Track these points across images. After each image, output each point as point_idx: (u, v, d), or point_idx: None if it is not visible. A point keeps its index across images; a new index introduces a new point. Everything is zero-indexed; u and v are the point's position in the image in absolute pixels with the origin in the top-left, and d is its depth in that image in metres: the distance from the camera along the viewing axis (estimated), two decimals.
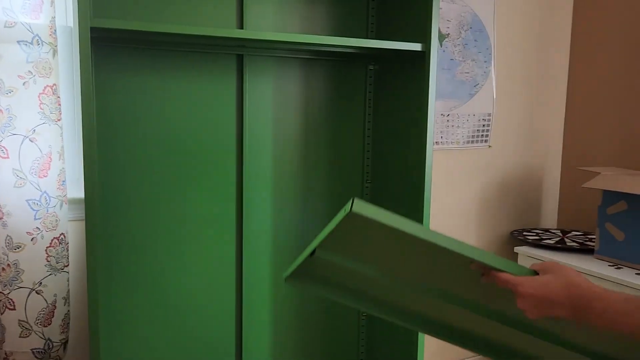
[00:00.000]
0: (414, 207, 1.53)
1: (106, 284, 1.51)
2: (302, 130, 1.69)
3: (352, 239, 0.79)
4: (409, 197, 1.58)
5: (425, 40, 1.45)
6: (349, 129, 1.75)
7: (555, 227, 2.37)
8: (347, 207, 0.72)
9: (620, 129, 2.14)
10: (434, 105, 1.45)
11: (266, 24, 1.60)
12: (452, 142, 2.07)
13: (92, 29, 1.17)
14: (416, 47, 1.45)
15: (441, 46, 1.99)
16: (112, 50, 1.43)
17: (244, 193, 1.61)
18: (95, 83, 1.43)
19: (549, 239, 2.08)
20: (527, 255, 1.97)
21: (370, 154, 1.77)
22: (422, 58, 1.48)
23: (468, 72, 2.07)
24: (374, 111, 1.76)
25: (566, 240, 2.07)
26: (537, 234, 2.15)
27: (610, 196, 1.88)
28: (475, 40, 2.07)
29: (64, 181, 1.48)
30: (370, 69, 1.75)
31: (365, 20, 1.72)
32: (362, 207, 0.73)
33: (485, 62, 2.10)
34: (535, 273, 0.78)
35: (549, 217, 2.37)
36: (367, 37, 1.72)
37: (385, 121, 1.71)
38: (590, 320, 0.71)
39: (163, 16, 1.48)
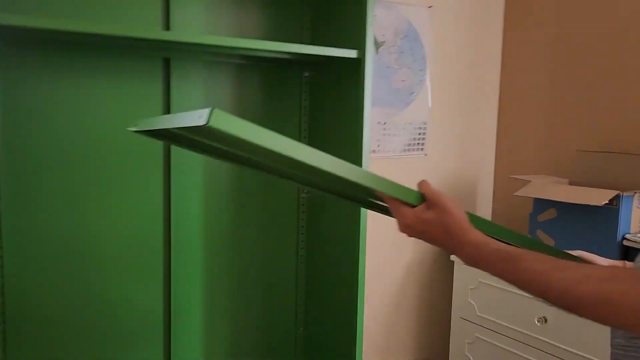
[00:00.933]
0: (351, 217, 1.49)
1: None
2: None
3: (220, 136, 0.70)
4: (346, 206, 1.54)
5: (360, 47, 1.41)
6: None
7: None
8: (204, 115, 0.64)
9: (549, 139, 2.20)
10: (370, 113, 1.41)
11: (194, 27, 1.52)
12: (389, 151, 2.06)
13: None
14: (351, 53, 1.41)
15: (377, 53, 1.97)
16: (20, 49, 1.29)
17: (171, 204, 1.52)
18: (1, 85, 1.29)
19: None
20: (463, 264, 1.98)
21: None
22: (358, 65, 1.44)
23: (404, 80, 2.07)
24: (310, 119, 1.71)
25: None
26: None
27: (541, 204, 1.92)
28: (410, 49, 2.06)
29: None
30: (306, 76, 1.70)
31: (299, 25, 1.67)
32: (221, 120, 0.65)
33: (420, 70, 2.10)
34: (423, 199, 0.82)
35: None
36: (301, 43, 1.67)
37: (321, 130, 1.66)
38: (460, 258, 0.82)
39: (81, 14, 1.36)
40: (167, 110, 1.51)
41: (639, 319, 0.62)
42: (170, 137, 0.98)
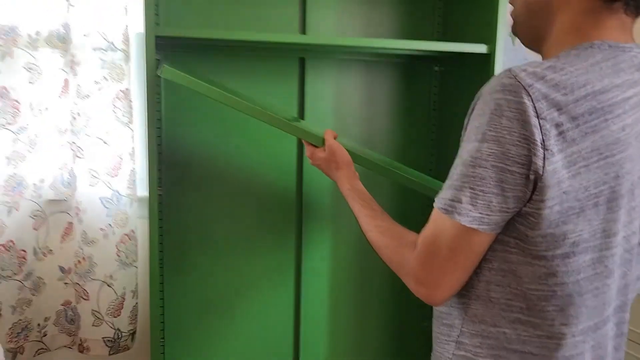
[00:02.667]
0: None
1: (171, 280, 1.57)
2: (365, 134, 1.68)
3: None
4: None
5: (490, 42, 1.39)
6: (412, 132, 1.71)
7: None
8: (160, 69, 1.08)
9: None
10: None
11: (329, 28, 1.60)
12: None
13: (158, 37, 1.22)
14: (481, 48, 1.39)
15: (514, 44, 1.90)
16: (178, 55, 1.48)
17: (303, 197, 1.62)
18: (164, 86, 1.49)
19: None
20: None
21: (435, 158, 1.73)
22: (487, 60, 1.42)
23: None
24: (439, 114, 1.71)
25: None
26: None
27: None
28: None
29: (134, 181, 1.57)
30: (435, 71, 1.70)
31: (430, 20, 1.67)
32: (169, 74, 1.12)
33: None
34: (323, 143, 1.17)
35: None
36: (432, 39, 1.68)
37: (451, 125, 1.66)
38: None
39: (228, 22, 1.51)
40: (302, 107, 1.61)
41: (392, 268, 0.84)
42: None
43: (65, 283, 1.59)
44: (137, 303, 1.62)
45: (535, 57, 0.84)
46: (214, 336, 1.62)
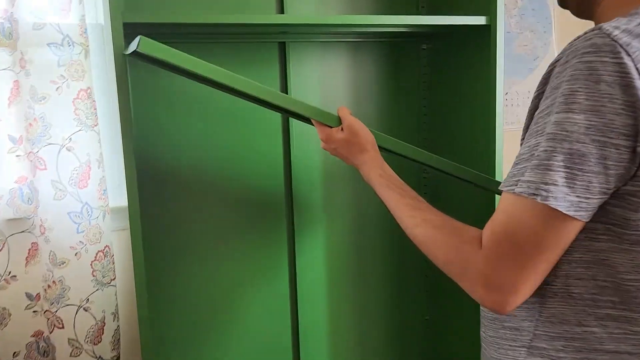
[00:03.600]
0: (483, 201, 1.39)
1: (156, 296, 1.42)
2: None
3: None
4: (475, 189, 1.43)
5: (490, 13, 1.29)
6: (402, 114, 1.61)
7: None
8: (136, 43, 0.87)
9: None
10: (502, 85, 1.29)
11: (307, 8, 1.47)
12: (512, 123, 1.91)
13: (126, 25, 1.06)
14: (480, 20, 1.29)
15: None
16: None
17: (293, 186, 1.50)
18: (131, 83, 1.32)
19: None
20: None
21: (426, 141, 1.63)
22: (485, 33, 1.32)
23: (527, 45, 1.90)
24: (429, 95, 1.61)
25: None
26: None
27: None
28: (533, 10, 1.89)
29: (104, 190, 1.40)
30: (424, 49, 1.60)
31: None
32: (147, 47, 0.88)
33: (544, 32, 1.92)
34: (340, 122, 0.99)
35: None
36: (417, 14, 1.57)
37: (442, 106, 1.56)
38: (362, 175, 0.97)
39: (198, 7, 1.36)
40: (286, 92, 1.48)
41: (449, 271, 0.72)
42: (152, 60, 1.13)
43: (35, 311, 1.40)
44: (118, 326, 1.46)
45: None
46: (209, 350, 1.49)
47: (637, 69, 0.59)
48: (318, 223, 1.55)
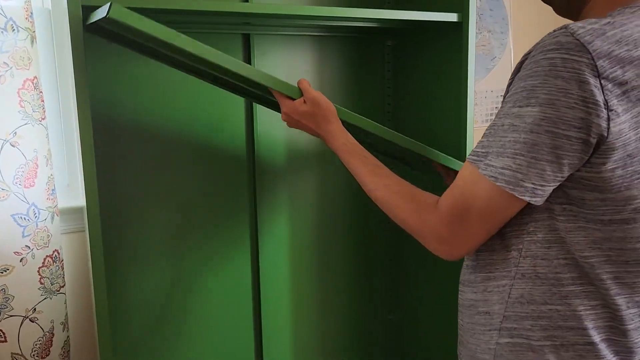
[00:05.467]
0: None
1: (109, 302, 1.32)
2: None
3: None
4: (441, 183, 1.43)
5: (462, 10, 1.28)
6: (366, 112, 1.57)
7: None
8: (106, 8, 0.81)
9: None
10: (474, 84, 1.29)
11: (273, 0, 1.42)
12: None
13: (84, 8, 0.96)
14: (451, 17, 1.28)
15: None
16: (98, 37, 1.22)
17: (256, 179, 1.43)
18: (91, 67, 1.22)
19: None
20: None
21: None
22: (455, 30, 1.31)
23: (484, 45, 1.92)
24: (394, 91, 1.59)
25: None
26: None
27: None
28: (490, 10, 1.91)
29: (53, 190, 1.28)
30: (388, 45, 1.58)
31: None
32: (118, 13, 0.81)
33: (501, 33, 1.95)
34: (300, 94, 0.99)
35: None
36: (382, 8, 1.54)
37: (409, 101, 1.55)
38: (328, 145, 0.98)
39: None
40: None
41: (406, 227, 0.79)
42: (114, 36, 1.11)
43: None
44: (68, 336, 1.35)
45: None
46: (169, 354, 1.40)
47: (595, 66, 0.62)
48: (282, 215, 1.50)
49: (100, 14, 0.87)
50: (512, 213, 0.71)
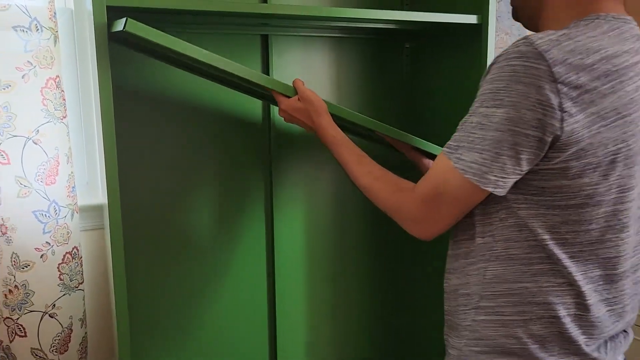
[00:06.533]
0: None
1: (129, 301, 1.33)
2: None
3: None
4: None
5: (481, 11, 1.28)
6: (384, 113, 1.58)
7: None
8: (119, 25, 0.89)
9: None
10: None
11: (291, 0, 1.42)
12: None
13: (109, 9, 0.97)
14: (470, 19, 1.28)
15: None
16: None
17: (272, 173, 1.44)
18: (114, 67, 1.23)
19: None
20: None
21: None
22: (475, 32, 1.31)
23: (502, 47, 1.91)
24: (411, 94, 1.59)
25: None
26: None
27: None
28: (508, 12, 1.90)
29: (73, 187, 1.30)
30: (407, 47, 1.57)
31: None
32: (133, 27, 0.89)
33: (519, 35, 1.94)
34: (296, 92, 1.09)
35: None
36: (402, 10, 1.55)
37: (425, 105, 1.54)
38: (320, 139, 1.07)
39: None
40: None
41: (386, 210, 0.90)
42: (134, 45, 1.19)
43: None
44: (86, 333, 1.36)
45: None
46: (185, 344, 1.41)
47: (552, 72, 0.70)
48: (298, 212, 1.51)
49: (117, 27, 0.93)
50: (478, 200, 0.80)
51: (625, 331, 0.88)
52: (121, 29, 0.89)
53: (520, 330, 0.80)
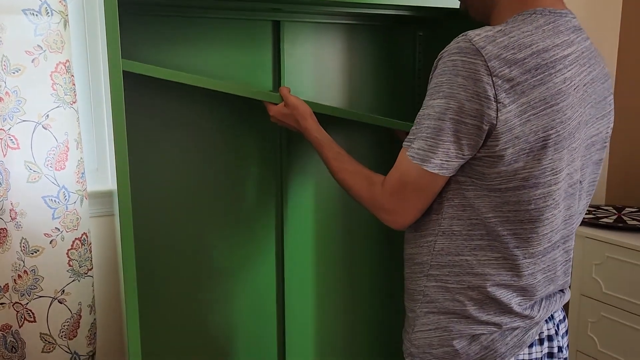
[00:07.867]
0: None
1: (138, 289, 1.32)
2: (347, 103, 1.50)
3: None
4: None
5: None
6: (396, 100, 1.56)
7: (605, 204, 2.21)
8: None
9: None
10: None
11: None
12: None
13: None
14: None
15: None
16: (138, 19, 1.22)
17: (282, 165, 1.43)
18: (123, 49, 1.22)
19: (605, 217, 1.92)
20: (586, 237, 1.81)
21: None
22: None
23: None
24: (425, 83, 1.57)
25: (624, 218, 1.91)
26: (590, 211, 2.00)
27: None
28: None
29: (82, 173, 1.29)
30: (420, 35, 1.55)
31: None
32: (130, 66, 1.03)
33: None
34: (282, 99, 1.22)
35: (596, 193, 2.21)
36: None
37: None
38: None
39: None
40: (278, 75, 1.40)
41: (361, 202, 0.97)
42: None
43: (2, 303, 1.29)
44: (95, 319, 1.36)
45: None
46: (194, 333, 1.40)
47: (488, 66, 0.77)
48: (307, 215, 1.49)
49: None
50: (439, 187, 0.87)
51: (562, 291, 0.98)
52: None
53: (461, 295, 0.90)
